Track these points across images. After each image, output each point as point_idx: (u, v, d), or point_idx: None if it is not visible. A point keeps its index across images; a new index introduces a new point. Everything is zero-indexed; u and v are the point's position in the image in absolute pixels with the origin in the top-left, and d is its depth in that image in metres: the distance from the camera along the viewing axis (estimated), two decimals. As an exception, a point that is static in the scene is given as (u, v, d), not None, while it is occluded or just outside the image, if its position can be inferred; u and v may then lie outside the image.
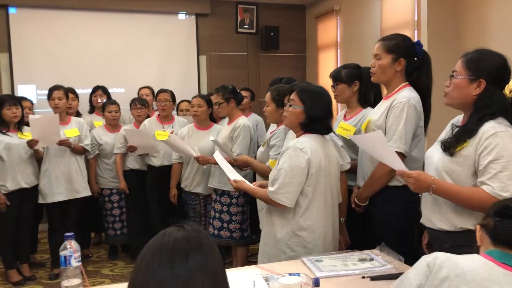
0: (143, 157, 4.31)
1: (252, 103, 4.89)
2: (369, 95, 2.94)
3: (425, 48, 2.48)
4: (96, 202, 4.51)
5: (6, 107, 3.84)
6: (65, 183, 4.08)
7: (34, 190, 4.02)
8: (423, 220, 2.01)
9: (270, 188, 2.17)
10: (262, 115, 4.88)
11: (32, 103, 4.49)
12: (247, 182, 2.54)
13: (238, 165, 3.25)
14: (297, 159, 2.13)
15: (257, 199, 3.18)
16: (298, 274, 1.72)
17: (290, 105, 2.28)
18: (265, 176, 2.97)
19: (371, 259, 2.00)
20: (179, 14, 6.06)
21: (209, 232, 3.63)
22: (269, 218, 2.31)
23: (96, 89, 4.80)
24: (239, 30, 6.30)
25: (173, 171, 4.07)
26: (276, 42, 6.32)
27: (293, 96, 2.28)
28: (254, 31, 6.35)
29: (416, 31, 4.31)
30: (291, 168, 2.13)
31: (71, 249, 1.72)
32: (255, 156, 3.47)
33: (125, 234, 4.51)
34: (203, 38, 6.16)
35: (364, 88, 2.90)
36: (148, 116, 4.45)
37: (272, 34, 6.27)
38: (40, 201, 4.07)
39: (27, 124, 4.07)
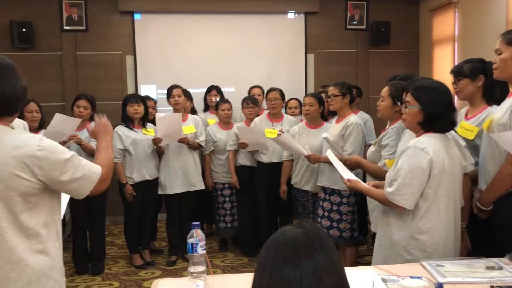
0: (253, 153, 4.44)
1: (359, 99, 4.79)
2: (495, 91, 2.73)
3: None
4: (209, 195, 4.75)
5: (129, 104, 4.21)
6: (182, 176, 4.35)
7: (155, 182, 4.35)
8: None
9: (388, 189, 2.12)
10: (370, 113, 4.79)
11: (155, 102, 4.86)
12: (361, 182, 2.50)
13: (348, 165, 3.21)
14: (418, 160, 2.05)
15: (368, 200, 3.13)
16: (420, 278, 1.67)
17: (406, 107, 2.20)
18: (377, 176, 2.91)
19: (500, 268, 1.86)
20: (288, 13, 6.13)
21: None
22: (385, 220, 2.25)
23: (210, 89, 5.04)
24: (348, 26, 6.21)
25: (283, 168, 4.15)
26: (387, 37, 6.12)
27: (407, 97, 2.20)
28: (364, 27, 6.22)
29: (550, 21, 3.91)
30: (411, 169, 2.05)
31: (197, 237, 1.84)
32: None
33: (235, 228, 4.69)
34: (312, 36, 6.17)
35: (489, 83, 2.69)
36: (257, 115, 4.58)
37: (383, 29, 6.08)
38: (160, 192, 4.40)
39: (152, 121, 4.43)
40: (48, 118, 4.00)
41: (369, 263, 2.31)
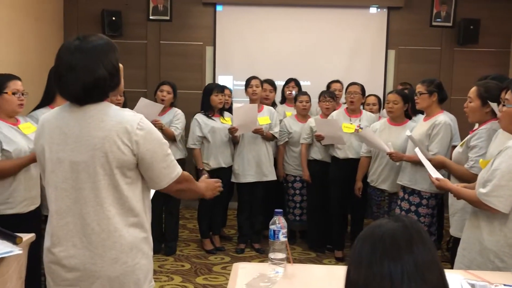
0: (327, 148, 4.38)
1: None
2: None
3: None
4: (280, 186, 4.76)
5: (214, 94, 4.30)
6: (255, 166, 4.41)
7: (229, 170, 4.44)
8: None
9: (482, 190, 2.00)
10: (453, 113, 4.56)
11: (231, 91, 4.94)
12: (450, 182, 2.39)
13: (432, 165, 3.08)
14: (518, 161, 1.92)
15: (450, 203, 2.99)
16: (516, 287, 1.57)
17: (504, 105, 2.08)
18: (462, 178, 2.77)
19: None
20: (370, 8, 5.98)
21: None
22: (474, 222, 2.13)
23: (289, 81, 5.03)
24: (434, 23, 5.95)
25: (360, 164, 4.07)
26: (476, 36, 5.79)
27: (507, 95, 2.08)
28: (450, 24, 5.92)
29: None
30: (510, 170, 1.93)
31: (279, 224, 1.85)
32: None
33: (304, 221, 4.67)
34: (394, 32, 5.97)
35: None
36: (334, 110, 4.51)
37: (471, 27, 5.76)
38: (233, 180, 4.48)
39: (227, 110, 4.51)
40: (129, 103, 4.19)
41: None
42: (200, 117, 4.33)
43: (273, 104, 4.90)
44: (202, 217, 4.51)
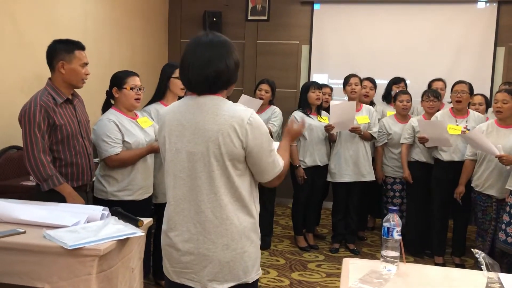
0: (430, 150, 4.20)
1: None
2: None
3: None
4: (377, 188, 4.65)
5: (311, 90, 4.32)
6: (352, 166, 4.34)
7: (324, 169, 4.42)
8: None
9: None
10: None
11: (331, 89, 4.91)
12: None
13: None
14: None
15: None
16: None
17: None
18: None
19: None
20: (478, 3, 5.63)
21: (500, 238, 3.33)
22: None
23: (399, 81, 4.87)
24: (550, 17, 5.47)
25: (465, 167, 3.85)
26: None
27: None
28: None
29: None
30: None
31: (393, 222, 1.81)
32: None
33: (402, 224, 4.51)
34: (504, 27, 5.57)
35: None
36: (437, 110, 4.31)
37: None
38: (329, 179, 4.45)
39: (325, 110, 4.49)
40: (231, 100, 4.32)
41: None
42: (297, 114, 4.36)
43: (371, 103, 4.79)
44: (296, 214, 4.54)
